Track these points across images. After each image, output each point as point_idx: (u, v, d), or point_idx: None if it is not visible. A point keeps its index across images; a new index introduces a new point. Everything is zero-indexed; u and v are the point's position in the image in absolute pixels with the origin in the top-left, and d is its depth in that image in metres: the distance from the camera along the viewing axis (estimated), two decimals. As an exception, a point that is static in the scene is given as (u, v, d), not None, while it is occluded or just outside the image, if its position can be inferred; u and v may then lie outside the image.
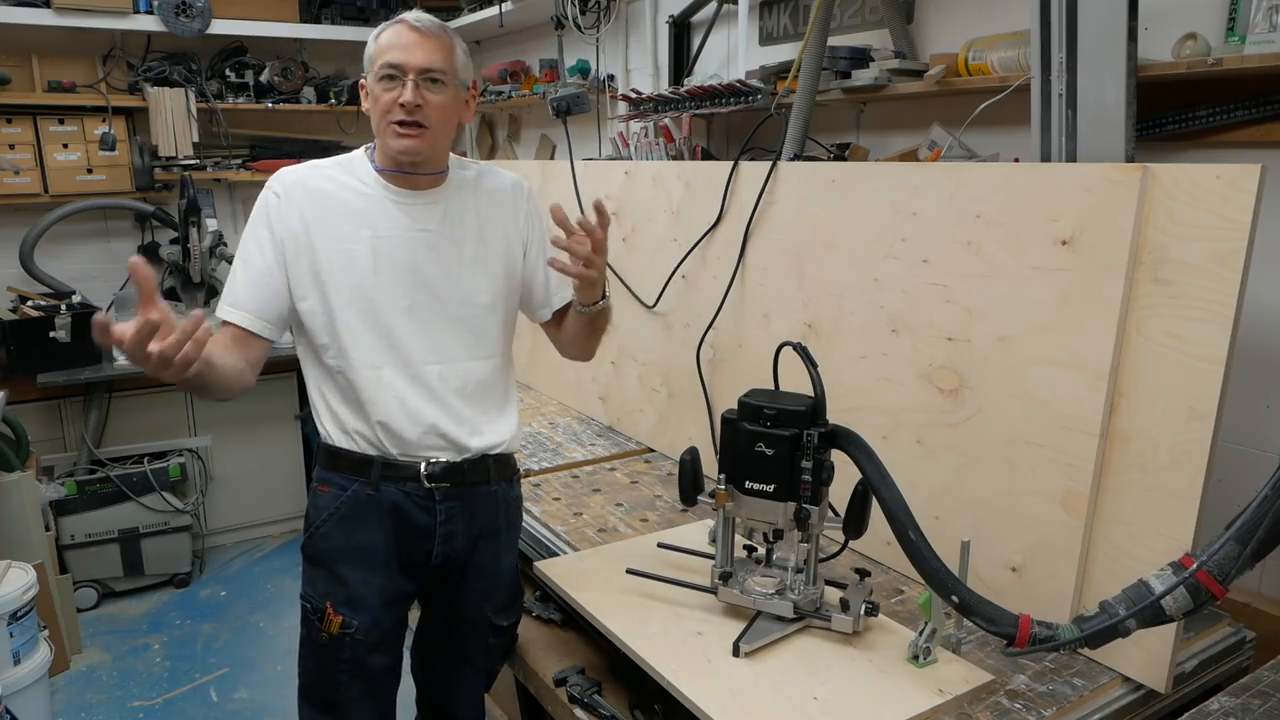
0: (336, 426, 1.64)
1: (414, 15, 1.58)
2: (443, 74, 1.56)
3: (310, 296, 1.59)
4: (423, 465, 1.63)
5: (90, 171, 4.01)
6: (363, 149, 1.68)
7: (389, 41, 1.56)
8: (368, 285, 1.58)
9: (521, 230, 1.75)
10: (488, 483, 1.71)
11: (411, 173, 1.62)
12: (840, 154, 2.35)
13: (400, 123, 1.55)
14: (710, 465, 1.67)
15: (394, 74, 1.54)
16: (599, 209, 1.57)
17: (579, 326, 1.76)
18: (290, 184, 1.60)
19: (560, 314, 1.83)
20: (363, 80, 1.63)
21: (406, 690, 1.87)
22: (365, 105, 1.63)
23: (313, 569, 1.69)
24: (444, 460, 1.65)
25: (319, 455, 1.70)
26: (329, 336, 1.59)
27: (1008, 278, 1.56)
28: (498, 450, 1.72)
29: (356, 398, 1.61)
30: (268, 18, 4.22)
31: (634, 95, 2.78)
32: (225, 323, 1.57)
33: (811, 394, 1.48)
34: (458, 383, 1.66)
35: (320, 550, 1.67)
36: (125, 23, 3.90)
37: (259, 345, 1.59)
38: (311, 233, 1.57)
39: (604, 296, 1.70)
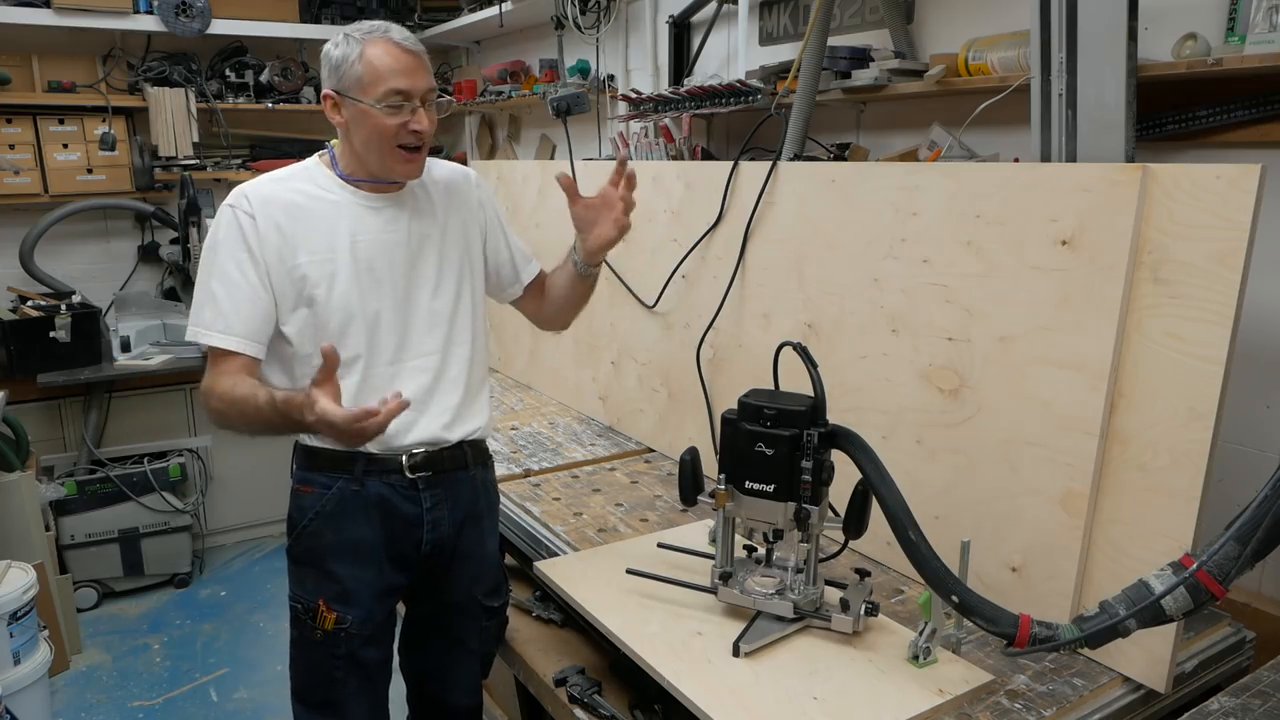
0: None
1: (400, 34, 1.56)
2: (435, 91, 1.59)
3: (299, 311, 1.58)
4: (404, 457, 1.65)
5: (90, 171, 4.00)
6: (316, 157, 1.66)
7: (387, 65, 1.52)
8: (351, 292, 1.59)
9: (478, 217, 1.79)
10: (466, 468, 1.74)
11: (385, 180, 1.63)
12: (840, 154, 2.35)
13: (405, 148, 1.56)
14: (710, 465, 1.67)
15: (401, 101, 1.53)
16: (622, 163, 1.68)
17: (579, 292, 1.82)
18: (260, 202, 1.56)
19: (532, 289, 1.89)
20: (330, 92, 1.57)
21: (397, 691, 1.86)
22: (339, 118, 1.58)
23: (301, 569, 1.70)
24: (424, 451, 1.67)
25: (296, 455, 1.70)
26: (314, 345, 1.58)
27: (1008, 278, 1.56)
28: (474, 436, 1.75)
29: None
30: (268, 18, 4.22)
31: (634, 95, 2.78)
32: (225, 351, 1.54)
33: (811, 394, 1.48)
34: (436, 374, 1.68)
35: (308, 549, 1.68)
36: (125, 23, 3.90)
37: (256, 367, 1.59)
38: (290, 249, 1.56)
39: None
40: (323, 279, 1.57)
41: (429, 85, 1.56)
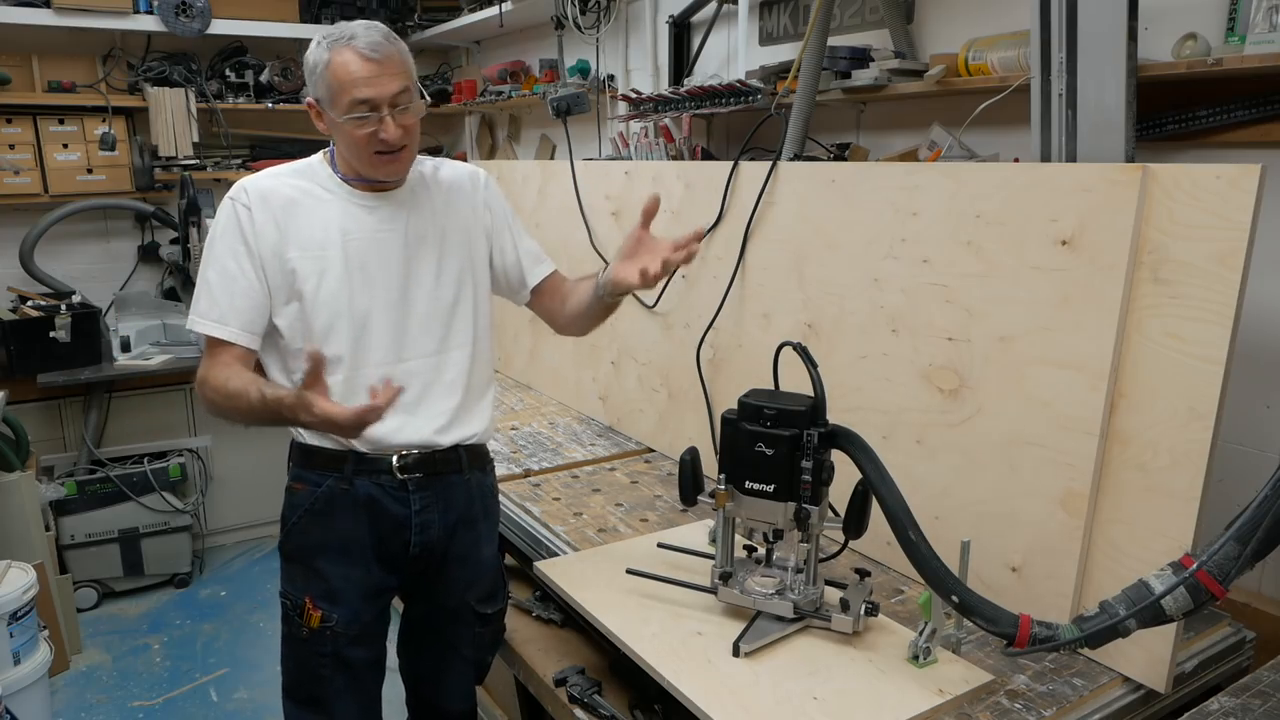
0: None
1: (365, 40, 1.50)
2: (408, 92, 1.55)
3: (290, 305, 1.59)
4: (395, 458, 1.64)
5: (90, 171, 4.00)
6: (320, 155, 1.67)
7: (349, 75, 1.49)
8: (342, 289, 1.59)
9: (483, 220, 1.76)
10: (460, 472, 1.72)
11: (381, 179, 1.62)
12: (840, 154, 2.35)
13: (381, 152, 1.55)
14: (710, 465, 1.67)
15: (367, 111, 1.51)
16: (699, 234, 1.68)
17: (597, 310, 1.76)
18: (258, 195, 1.58)
19: (543, 292, 1.84)
20: (312, 100, 1.57)
21: (397, 692, 1.86)
22: (322, 126, 1.59)
23: (290, 565, 1.72)
24: (416, 452, 1.66)
25: (292, 453, 1.71)
26: (304, 341, 1.60)
27: (1008, 278, 1.56)
28: (470, 441, 1.73)
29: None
30: (268, 18, 4.21)
31: (634, 95, 2.78)
32: (220, 340, 1.56)
33: (811, 394, 1.48)
34: (431, 377, 1.67)
35: (297, 546, 1.69)
36: (125, 23, 3.90)
37: (252, 357, 1.61)
38: (284, 243, 1.57)
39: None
40: (312, 275, 1.58)
41: (396, 90, 1.51)
